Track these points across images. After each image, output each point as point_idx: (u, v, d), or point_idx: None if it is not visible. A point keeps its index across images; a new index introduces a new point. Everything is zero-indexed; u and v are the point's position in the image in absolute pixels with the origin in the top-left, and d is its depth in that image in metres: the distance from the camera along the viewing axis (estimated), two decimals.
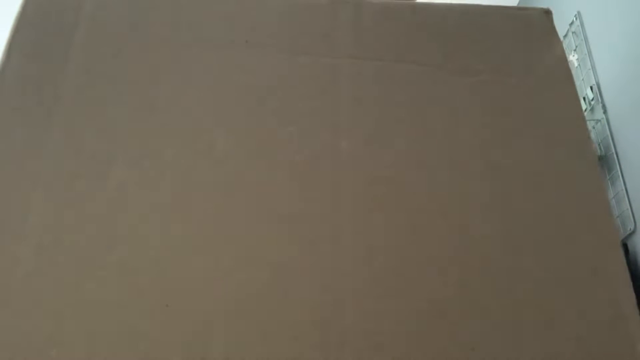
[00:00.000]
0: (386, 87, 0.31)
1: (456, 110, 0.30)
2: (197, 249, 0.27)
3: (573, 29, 2.24)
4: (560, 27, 2.33)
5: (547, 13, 0.33)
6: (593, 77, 2.07)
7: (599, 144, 1.99)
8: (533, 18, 0.33)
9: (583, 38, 2.17)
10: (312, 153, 0.29)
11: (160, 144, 0.29)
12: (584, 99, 2.11)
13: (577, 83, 2.17)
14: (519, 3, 2.99)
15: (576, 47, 2.21)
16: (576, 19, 2.23)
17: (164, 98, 0.30)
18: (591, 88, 2.06)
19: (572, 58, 2.23)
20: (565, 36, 2.29)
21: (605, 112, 1.98)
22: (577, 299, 0.25)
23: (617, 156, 1.90)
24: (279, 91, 0.30)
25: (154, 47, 0.31)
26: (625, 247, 1.80)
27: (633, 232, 1.78)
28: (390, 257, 0.26)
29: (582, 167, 0.29)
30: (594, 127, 2.03)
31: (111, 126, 0.30)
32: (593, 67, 2.09)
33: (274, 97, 0.30)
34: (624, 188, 1.84)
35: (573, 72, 2.22)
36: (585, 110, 2.10)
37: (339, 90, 0.30)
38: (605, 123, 1.97)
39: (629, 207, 1.80)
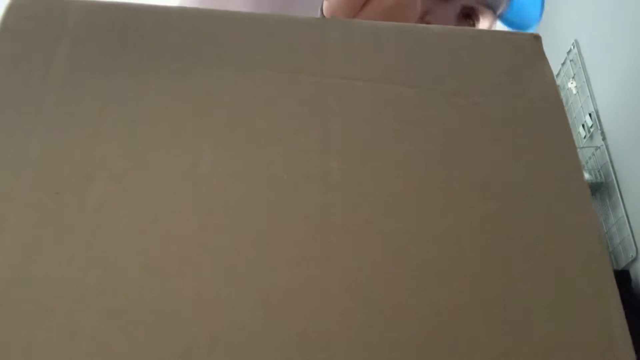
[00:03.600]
0: (376, 107, 0.30)
1: (447, 132, 0.30)
2: (179, 271, 0.25)
3: (571, 56, 2.26)
4: (559, 54, 2.35)
5: (537, 38, 0.33)
6: (592, 104, 2.08)
7: (598, 171, 2.00)
8: (523, 43, 0.33)
9: (581, 66, 2.19)
10: (300, 173, 0.28)
11: (143, 161, 0.28)
12: (583, 126, 2.12)
13: (576, 110, 2.19)
14: None
15: (574, 74, 2.23)
16: (574, 47, 2.25)
17: (148, 115, 0.29)
18: (590, 115, 2.07)
19: (571, 85, 2.25)
20: (563, 64, 2.31)
21: (604, 139, 1.99)
22: (568, 329, 0.25)
23: (617, 183, 1.90)
24: (267, 109, 0.30)
25: (140, 64, 0.31)
26: (627, 274, 1.79)
27: (635, 259, 1.77)
28: (381, 281, 0.25)
29: (572, 193, 0.28)
30: (593, 154, 2.04)
31: (93, 142, 0.29)
32: (591, 94, 2.10)
33: (263, 116, 0.29)
34: (624, 214, 1.83)
35: (571, 99, 2.24)
36: (585, 137, 2.11)
37: (329, 109, 0.30)
38: (605, 150, 1.97)
39: (630, 234, 1.79)
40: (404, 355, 0.24)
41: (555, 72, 2.40)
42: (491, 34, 0.35)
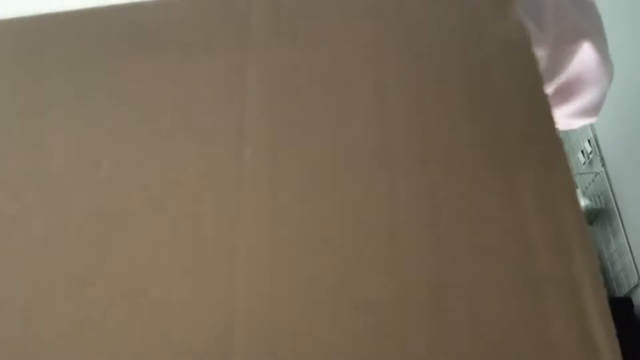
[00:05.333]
0: (303, 75, 0.26)
1: (385, 98, 0.25)
2: (72, 289, 0.23)
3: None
4: None
5: None
6: (590, 131, 2.09)
7: (598, 197, 1.99)
8: None
9: None
10: (210, 165, 0.25)
11: (42, 172, 0.26)
12: (582, 152, 2.12)
13: (575, 136, 2.19)
14: None
15: None
16: None
17: (53, 122, 0.27)
18: (589, 141, 2.08)
19: None
20: None
21: (603, 164, 1.99)
22: (534, 327, 0.20)
23: (618, 209, 1.89)
24: (176, 98, 0.27)
25: (50, 69, 0.29)
26: (629, 301, 1.77)
27: (637, 286, 1.75)
28: (294, 282, 0.22)
29: (543, 154, 0.23)
30: (593, 180, 2.03)
31: None
32: None
33: (170, 105, 0.27)
34: (626, 241, 1.82)
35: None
36: (584, 163, 2.11)
37: (248, 87, 0.26)
38: (604, 176, 1.97)
39: (631, 261, 1.78)
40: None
41: None
42: None
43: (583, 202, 1.97)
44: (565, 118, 0.53)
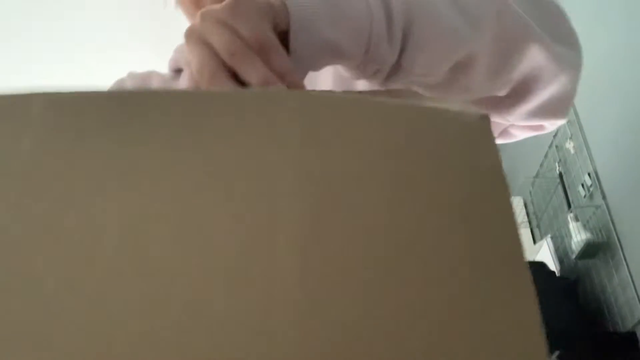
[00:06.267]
0: (334, 179, 0.29)
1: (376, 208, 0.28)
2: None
3: (568, 118, 2.30)
4: None
5: (484, 118, 0.31)
6: (590, 164, 2.10)
7: (600, 230, 1.99)
8: (467, 122, 0.31)
9: (578, 127, 2.22)
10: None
11: (92, 265, 0.27)
12: (582, 185, 2.13)
13: (575, 170, 2.21)
14: None
15: (571, 135, 2.26)
16: None
17: (116, 209, 0.29)
18: (589, 174, 2.09)
19: (569, 146, 2.27)
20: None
21: (604, 198, 2.00)
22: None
23: (620, 242, 1.89)
24: (235, 189, 0.29)
25: (112, 153, 0.30)
26: (633, 335, 1.75)
27: None
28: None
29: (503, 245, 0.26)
30: (594, 213, 2.04)
31: (47, 246, 0.27)
32: (590, 155, 2.12)
33: (224, 196, 0.29)
34: (628, 274, 1.82)
35: (569, 159, 2.25)
36: (585, 196, 2.12)
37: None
38: (605, 209, 1.98)
39: (635, 294, 1.77)
40: None
41: (553, 133, 2.43)
42: (435, 110, 0.32)
43: (584, 236, 1.97)
44: (530, 118, 0.57)
